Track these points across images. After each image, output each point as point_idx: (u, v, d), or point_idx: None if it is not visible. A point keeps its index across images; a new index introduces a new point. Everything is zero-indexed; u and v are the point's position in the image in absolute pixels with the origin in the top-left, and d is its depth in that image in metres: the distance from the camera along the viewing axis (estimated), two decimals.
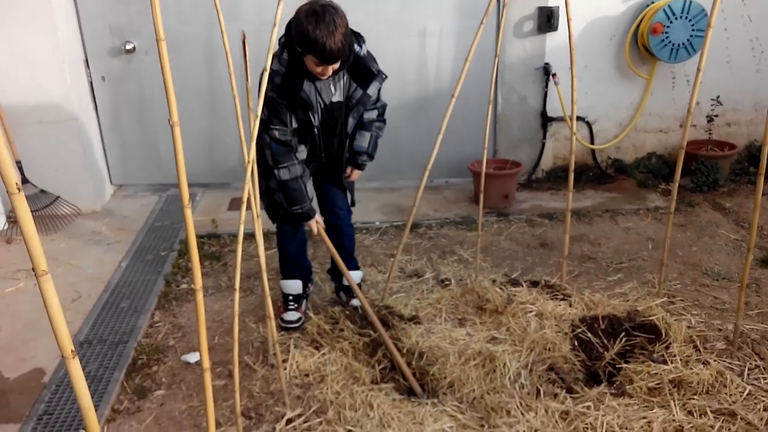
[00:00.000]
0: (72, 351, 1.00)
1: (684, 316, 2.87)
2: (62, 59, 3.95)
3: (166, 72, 1.24)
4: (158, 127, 4.59)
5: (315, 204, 2.84)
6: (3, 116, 3.76)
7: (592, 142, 4.77)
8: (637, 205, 4.29)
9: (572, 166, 2.98)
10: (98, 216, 4.23)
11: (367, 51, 2.68)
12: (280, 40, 2.59)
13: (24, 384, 2.53)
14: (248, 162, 1.88)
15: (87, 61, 4.35)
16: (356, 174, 2.91)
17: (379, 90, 2.75)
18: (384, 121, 2.87)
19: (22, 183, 3.92)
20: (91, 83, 4.41)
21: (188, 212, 1.35)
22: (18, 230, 3.84)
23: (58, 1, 3.93)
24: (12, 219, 3.91)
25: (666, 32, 4.26)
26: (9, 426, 2.30)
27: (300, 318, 2.96)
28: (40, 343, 2.78)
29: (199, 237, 3.85)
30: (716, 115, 4.60)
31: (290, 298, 3.02)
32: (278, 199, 2.79)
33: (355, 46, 2.60)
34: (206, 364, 1.52)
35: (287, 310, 2.99)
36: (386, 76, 2.73)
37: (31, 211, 3.94)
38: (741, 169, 4.68)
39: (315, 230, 2.78)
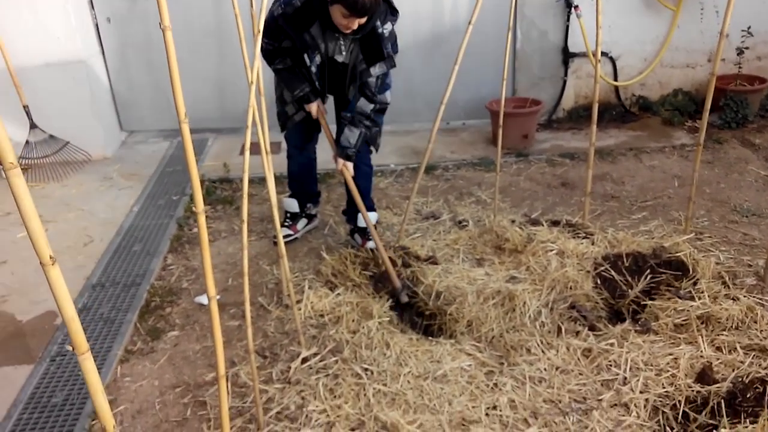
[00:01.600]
0: (50, 257, 0.92)
1: (712, 253, 2.76)
2: (67, 0, 3.83)
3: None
4: (167, 70, 4.46)
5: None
6: (8, 59, 3.66)
7: (615, 79, 4.58)
8: (663, 143, 4.13)
9: (596, 99, 2.83)
10: (109, 162, 4.17)
11: (391, 31, 2.56)
12: None
13: (37, 326, 2.50)
14: (252, 81, 1.78)
15: (91, 1, 4.21)
16: (347, 167, 2.74)
17: (385, 75, 2.65)
18: (376, 122, 2.74)
19: (31, 128, 3.85)
20: (97, 25, 4.28)
21: (185, 127, 1.25)
22: (28, 177, 3.81)
23: None
24: (22, 166, 3.86)
25: None
26: (23, 367, 2.28)
27: (290, 235, 3.08)
28: None
29: (211, 181, 3.78)
30: (747, 48, 4.38)
31: (287, 215, 3.14)
32: (291, 113, 2.83)
33: (379, 21, 2.48)
34: (212, 292, 1.45)
35: (282, 226, 3.05)
36: (394, 65, 2.65)
37: (41, 157, 3.87)
38: None
39: (314, 112, 2.74)
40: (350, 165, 2.73)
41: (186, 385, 2.18)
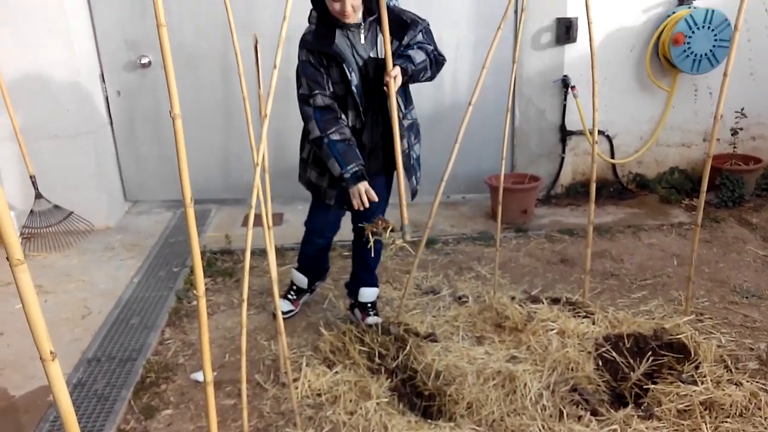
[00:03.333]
0: (51, 352, 0.92)
1: (713, 335, 2.74)
2: (77, 73, 3.95)
3: (168, 62, 1.19)
4: (173, 143, 4.55)
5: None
6: (17, 130, 3.74)
7: (612, 157, 4.66)
8: (660, 220, 4.16)
9: (594, 178, 2.88)
10: (112, 232, 4.19)
11: (396, 4, 2.57)
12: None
13: (30, 402, 2.47)
14: (257, 162, 1.82)
15: (102, 75, 4.34)
16: (396, 74, 2.40)
17: (421, 36, 2.56)
18: (433, 73, 2.63)
19: (36, 198, 3.89)
20: (107, 98, 4.40)
21: (190, 212, 1.28)
22: (30, 247, 3.83)
23: (75, 16, 3.94)
24: (25, 236, 3.88)
25: (688, 42, 4.16)
26: None
27: (292, 311, 3.06)
28: None
29: (212, 253, 3.79)
30: (741, 128, 4.48)
31: (293, 288, 3.10)
32: (312, 179, 2.76)
33: None
34: (209, 376, 1.44)
35: (285, 298, 3.06)
36: (426, 22, 2.58)
37: (45, 226, 3.89)
38: (767, 184, 4.53)
39: (361, 195, 2.50)
40: (399, 78, 2.46)
41: None
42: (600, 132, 4.58)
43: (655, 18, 4.34)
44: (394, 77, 2.39)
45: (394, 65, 2.41)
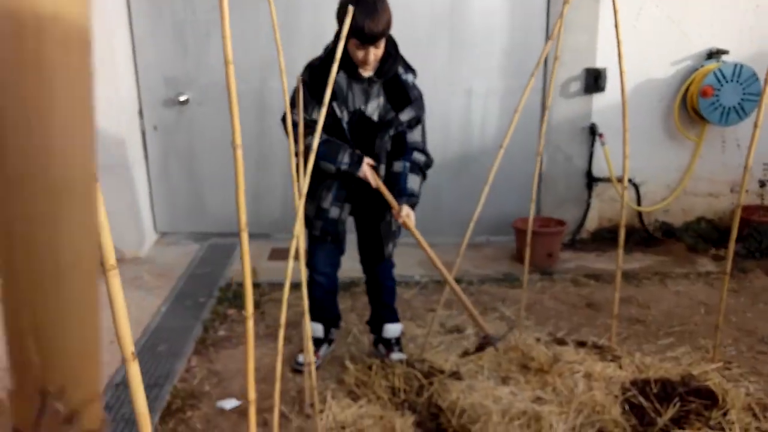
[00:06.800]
0: (132, 353, 0.98)
1: (741, 383, 2.71)
2: (120, 109, 4.10)
3: (232, 94, 1.26)
4: (205, 178, 4.68)
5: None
6: None
7: (639, 204, 4.68)
8: (687, 269, 4.15)
9: (623, 223, 2.90)
10: (140, 262, 4.28)
11: (414, 83, 2.65)
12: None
13: None
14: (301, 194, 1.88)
15: (141, 111, 4.49)
16: (410, 216, 2.60)
17: (417, 120, 2.65)
18: (426, 178, 2.74)
19: None
20: (143, 132, 4.54)
21: (244, 236, 1.33)
22: None
23: (121, 54, 4.11)
24: None
25: (716, 95, 4.22)
26: None
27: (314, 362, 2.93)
28: None
29: (238, 285, 3.84)
30: None
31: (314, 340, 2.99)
32: (310, 215, 2.79)
33: (401, 69, 2.59)
34: (252, 395, 1.47)
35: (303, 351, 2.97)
36: (423, 108, 2.66)
37: None
38: None
39: (370, 175, 2.59)
40: (413, 215, 2.63)
41: None
42: (627, 179, 4.60)
43: (684, 71, 4.41)
44: (407, 215, 2.59)
45: (400, 203, 2.59)
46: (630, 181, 4.63)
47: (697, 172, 4.65)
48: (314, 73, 2.56)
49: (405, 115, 2.63)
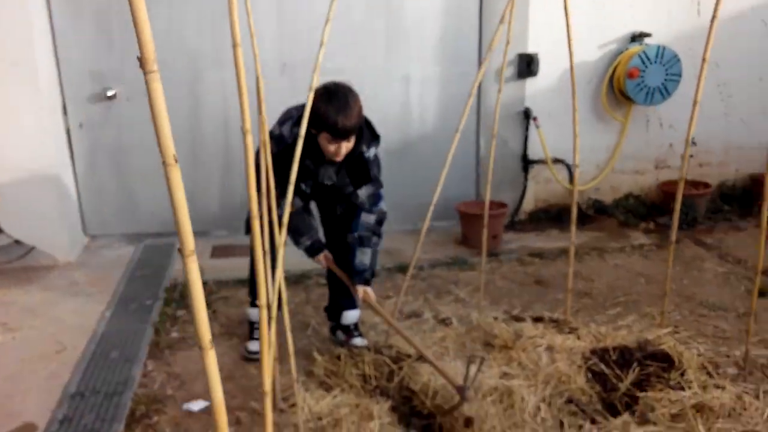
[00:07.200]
0: (209, 341, 0.94)
1: (691, 345, 2.87)
2: (40, 106, 3.84)
3: (241, 80, 1.20)
4: (135, 176, 4.48)
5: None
6: None
7: (571, 183, 4.85)
8: (622, 243, 4.35)
9: (575, 201, 3.01)
10: (73, 267, 4.04)
11: (375, 155, 2.74)
12: (285, 121, 2.64)
13: None
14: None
15: (65, 107, 4.24)
16: (368, 292, 2.80)
17: (373, 195, 2.78)
18: (380, 235, 2.84)
19: None
20: (68, 130, 4.29)
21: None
22: None
23: (40, 47, 3.85)
24: None
25: (642, 76, 4.43)
26: None
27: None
28: (27, 397, 2.59)
29: (184, 285, 3.71)
30: (691, 155, 4.75)
31: (255, 326, 2.97)
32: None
33: (364, 146, 2.66)
34: (267, 387, 1.43)
35: (251, 338, 2.97)
36: (381, 186, 2.80)
37: (5, 262, 3.73)
38: (716, 208, 4.82)
39: (324, 263, 2.79)
40: (371, 291, 2.79)
41: None
42: (559, 160, 4.77)
43: (610, 54, 4.61)
44: (365, 293, 2.76)
45: (354, 284, 2.77)
46: (562, 161, 4.81)
47: (623, 150, 4.87)
48: (279, 157, 2.49)
49: (363, 191, 2.74)
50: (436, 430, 2.47)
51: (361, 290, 2.78)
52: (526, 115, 4.60)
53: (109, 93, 4.24)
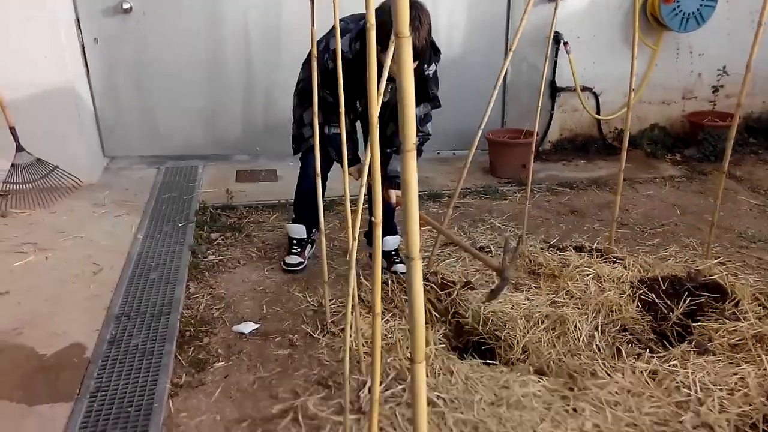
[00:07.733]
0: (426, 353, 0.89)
1: (740, 276, 2.86)
2: (53, 20, 3.63)
3: None
4: (156, 94, 4.32)
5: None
6: None
7: (598, 113, 4.76)
8: (652, 173, 4.30)
9: (627, 127, 2.94)
10: (96, 188, 3.93)
11: (434, 72, 2.61)
12: (342, 33, 2.46)
13: (65, 360, 2.30)
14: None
15: (78, 21, 4.02)
16: (394, 195, 2.78)
17: (426, 116, 2.70)
18: (420, 153, 2.72)
19: (17, 151, 3.60)
20: (83, 45, 4.09)
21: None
22: (10, 203, 3.53)
23: None
24: (2, 193, 3.59)
25: (677, 2, 4.27)
26: (60, 405, 2.08)
27: (301, 262, 3.00)
28: (69, 316, 2.55)
29: (214, 208, 3.63)
30: (722, 86, 4.66)
31: (294, 241, 3.05)
32: (307, 135, 2.78)
33: (425, 63, 2.52)
34: (377, 309, 1.38)
35: (290, 253, 3.02)
36: (440, 106, 2.70)
37: (27, 182, 3.61)
38: (742, 140, 4.75)
39: (357, 176, 2.76)
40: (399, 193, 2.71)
41: (252, 419, 2.04)
42: (587, 88, 4.66)
43: None
44: (398, 196, 2.69)
45: (387, 189, 2.73)
46: (590, 90, 4.69)
47: (651, 80, 4.75)
48: (334, 74, 2.32)
49: (420, 110, 2.64)
50: (489, 357, 2.47)
51: (394, 194, 2.77)
52: (556, 40, 4.44)
53: (125, 5, 4.02)
